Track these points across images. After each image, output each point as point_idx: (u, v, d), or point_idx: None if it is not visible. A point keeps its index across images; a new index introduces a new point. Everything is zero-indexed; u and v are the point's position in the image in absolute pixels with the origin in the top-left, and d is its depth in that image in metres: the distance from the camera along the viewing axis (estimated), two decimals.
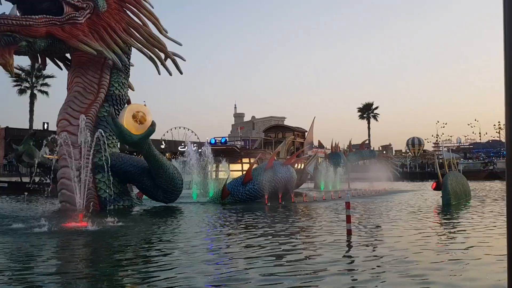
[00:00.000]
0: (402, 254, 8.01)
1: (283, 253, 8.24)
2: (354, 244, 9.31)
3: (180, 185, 19.24)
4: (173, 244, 9.72)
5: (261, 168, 21.95)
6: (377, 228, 11.89)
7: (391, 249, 8.50)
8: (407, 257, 7.81)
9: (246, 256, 8.03)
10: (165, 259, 7.86)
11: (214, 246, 9.35)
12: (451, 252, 8.33)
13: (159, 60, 19.95)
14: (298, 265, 7.25)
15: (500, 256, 7.93)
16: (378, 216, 15.17)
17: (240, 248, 8.94)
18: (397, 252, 8.19)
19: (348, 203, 10.20)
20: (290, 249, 8.66)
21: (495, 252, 8.22)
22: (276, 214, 16.14)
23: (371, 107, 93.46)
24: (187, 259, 7.74)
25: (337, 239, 9.76)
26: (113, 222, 12.74)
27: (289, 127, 34.79)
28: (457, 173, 21.81)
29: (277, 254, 8.18)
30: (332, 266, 7.11)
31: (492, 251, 8.40)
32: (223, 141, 26.80)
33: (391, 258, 7.64)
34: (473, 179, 63.06)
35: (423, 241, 9.66)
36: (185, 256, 8.02)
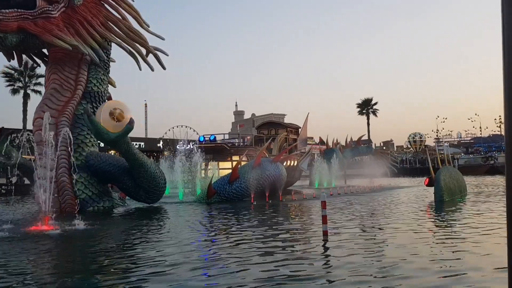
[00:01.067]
0: (380, 261, 7.29)
1: (249, 263, 7.52)
2: (330, 246, 8.61)
3: (162, 185, 18.53)
4: (141, 251, 9.01)
5: (249, 166, 21.24)
6: (359, 228, 11.17)
7: (367, 254, 7.78)
8: (383, 262, 7.09)
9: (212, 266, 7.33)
10: (130, 269, 7.15)
11: (180, 257, 8.63)
12: (437, 259, 7.61)
13: (140, 55, 19.22)
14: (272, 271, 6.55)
15: (488, 258, 7.22)
16: (364, 214, 14.43)
17: (207, 258, 8.24)
18: (374, 258, 7.47)
19: (324, 202, 9.47)
20: (263, 254, 7.95)
21: (486, 259, 7.50)
22: (259, 214, 15.44)
23: (370, 102, 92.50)
24: (154, 271, 6.95)
25: (311, 242, 9.07)
26: (81, 225, 12.05)
27: (282, 123, 34.16)
28: (451, 168, 21.05)
29: (246, 260, 7.47)
30: (303, 270, 6.41)
31: (482, 259, 7.67)
32: (212, 139, 26.08)
33: (366, 264, 6.93)
34: (474, 174, 62.50)
35: (404, 242, 8.94)
36: (152, 269, 7.17)
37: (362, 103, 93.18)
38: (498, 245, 8.46)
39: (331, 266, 6.82)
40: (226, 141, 30.31)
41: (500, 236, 9.42)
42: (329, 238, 9.14)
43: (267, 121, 33.51)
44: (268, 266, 6.85)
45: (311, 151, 33.21)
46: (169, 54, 20.54)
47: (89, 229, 11.78)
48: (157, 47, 19.90)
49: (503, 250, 8.21)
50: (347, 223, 12.05)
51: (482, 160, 76.25)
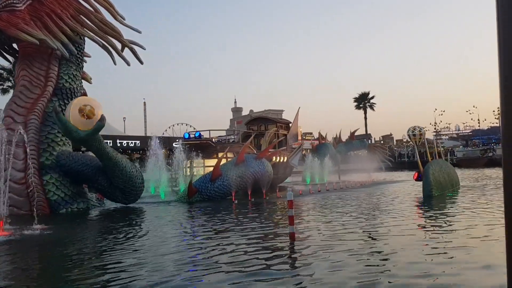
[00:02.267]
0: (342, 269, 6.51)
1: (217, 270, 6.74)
2: (297, 249, 7.83)
3: (139, 184, 17.74)
4: (102, 258, 8.22)
5: (231, 163, 20.45)
6: (336, 226, 10.37)
7: (334, 261, 7.00)
8: (347, 271, 6.31)
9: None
10: (88, 278, 6.40)
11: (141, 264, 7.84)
12: (417, 259, 6.83)
13: (113, 49, 18.41)
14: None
15: (472, 258, 6.46)
16: (342, 212, 13.62)
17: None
18: (338, 265, 6.69)
19: (290, 201, 8.66)
20: (224, 252, 7.17)
21: (473, 258, 6.73)
22: (236, 215, 14.65)
23: (367, 96, 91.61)
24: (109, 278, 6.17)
25: (279, 244, 8.29)
26: (40, 230, 11.27)
27: (272, 119, 33.18)
28: (442, 161, 20.27)
29: (208, 264, 6.70)
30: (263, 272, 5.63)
31: (471, 257, 6.89)
32: (197, 135, 25.20)
33: (334, 270, 6.15)
34: (472, 166, 61.71)
35: (373, 244, 8.16)
36: (110, 275, 6.41)
37: (359, 97, 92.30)
38: (482, 244, 7.68)
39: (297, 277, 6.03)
40: (223, 138, 29.26)
41: (484, 235, 8.64)
42: (296, 241, 8.36)
43: (256, 117, 32.61)
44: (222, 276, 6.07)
45: (302, 146, 32.39)
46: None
47: (47, 234, 11.00)
48: (133, 41, 19.08)
49: (487, 249, 7.46)
50: (318, 223, 11.27)
51: (481, 152, 75.43)
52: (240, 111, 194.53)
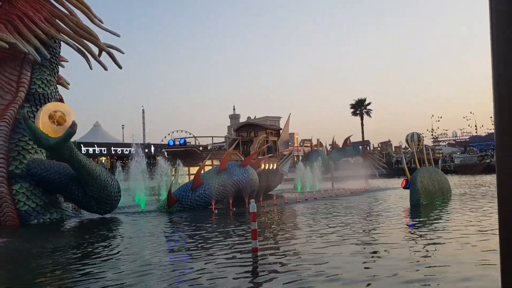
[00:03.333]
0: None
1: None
2: (262, 262, 7.14)
3: (115, 194, 16.99)
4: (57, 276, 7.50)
5: (213, 171, 19.73)
6: (304, 239, 9.67)
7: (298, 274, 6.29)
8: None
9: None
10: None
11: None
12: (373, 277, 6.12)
13: (89, 53, 17.76)
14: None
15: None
16: (329, 221, 12.92)
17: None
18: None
19: (253, 214, 7.95)
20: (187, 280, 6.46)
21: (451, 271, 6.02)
22: (214, 226, 13.95)
23: (363, 103, 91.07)
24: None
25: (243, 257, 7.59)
26: (2, 242, 10.56)
27: (262, 125, 32.52)
28: (432, 168, 19.54)
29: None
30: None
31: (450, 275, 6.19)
32: (182, 142, 24.50)
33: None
34: (470, 173, 61.05)
35: (346, 259, 7.45)
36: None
37: (356, 104, 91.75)
38: (470, 260, 6.98)
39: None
40: (216, 145, 28.44)
41: (471, 250, 7.93)
42: (260, 256, 7.66)
43: (246, 123, 31.92)
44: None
45: (293, 153, 31.69)
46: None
47: (9, 247, 10.28)
48: (110, 45, 18.44)
49: (472, 267, 6.76)
50: (287, 235, 10.56)
51: (478, 159, 74.73)
52: (238, 118, 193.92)
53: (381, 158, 43.18)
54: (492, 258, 7.30)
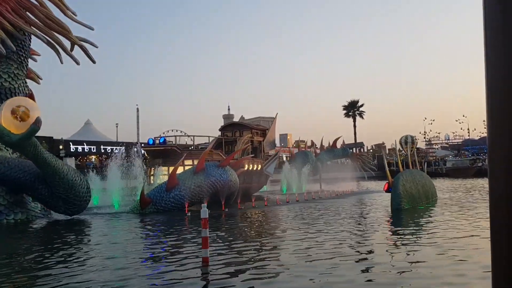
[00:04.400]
0: None
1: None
2: (212, 275, 6.43)
3: (84, 194, 16.21)
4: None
5: (190, 172, 18.99)
6: (269, 245, 8.97)
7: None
8: None
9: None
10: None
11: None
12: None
13: (60, 46, 16.98)
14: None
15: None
16: (300, 226, 12.23)
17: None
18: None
19: (205, 220, 7.23)
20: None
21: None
22: (184, 230, 13.23)
23: (356, 104, 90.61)
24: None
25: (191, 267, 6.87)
26: None
27: (247, 125, 31.79)
28: (416, 171, 18.88)
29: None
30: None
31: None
32: (162, 141, 23.72)
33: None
34: (462, 176, 60.71)
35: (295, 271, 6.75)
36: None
37: (348, 105, 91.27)
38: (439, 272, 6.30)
39: None
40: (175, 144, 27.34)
41: (451, 261, 7.26)
42: (212, 267, 6.94)
43: (231, 123, 31.16)
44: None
45: (278, 154, 31.01)
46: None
47: None
48: (84, 38, 17.66)
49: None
50: (255, 240, 9.84)
51: (470, 162, 74.40)
52: (231, 118, 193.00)
53: (370, 160, 42.56)
54: (463, 268, 6.65)
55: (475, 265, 6.89)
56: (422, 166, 23.10)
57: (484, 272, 6.24)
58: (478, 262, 7.05)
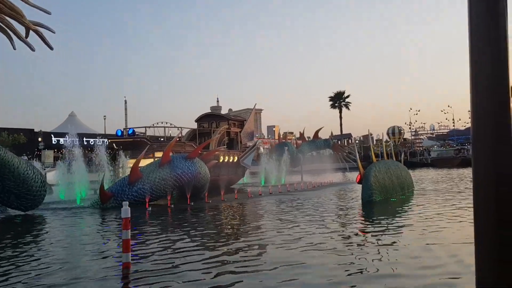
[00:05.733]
0: None
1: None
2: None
3: (38, 189, 15.26)
4: None
5: (155, 164, 18.08)
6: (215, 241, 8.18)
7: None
8: None
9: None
10: None
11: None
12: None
13: (12, 31, 15.87)
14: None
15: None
16: (265, 219, 11.46)
17: None
18: None
19: (125, 220, 6.38)
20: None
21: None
22: (142, 226, 12.38)
23: (342, 95, 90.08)
24: None
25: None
26: None
27: (224, 116, 30.89)
28: (391, 162, 18.21)
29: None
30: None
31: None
32: (131, 133, 22.74)
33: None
34: (446, 166, 60.61)
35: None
36: None
37: (335, 96, 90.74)
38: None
39: None
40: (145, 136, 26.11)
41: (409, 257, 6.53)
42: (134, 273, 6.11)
43: (207, 113, 30.21)
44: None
45: (256, 145, 30.18)
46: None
47: None
48: (39, 23, 16.54)
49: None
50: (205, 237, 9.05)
51: (454, 152, 74.42)
52: (219, 110, 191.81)
53: (352, 151, 41.97)
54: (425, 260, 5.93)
55: (444, 260, 6.18)
56: (400, 157, 22.45)
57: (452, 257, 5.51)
58: (447, 255, 6.35)
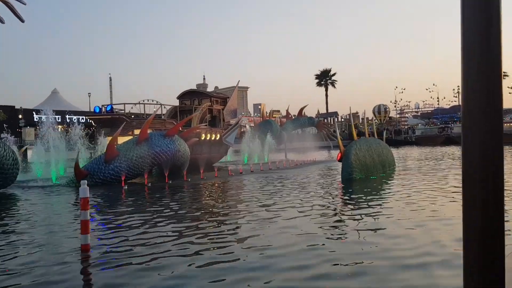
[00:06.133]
0: None
1: None
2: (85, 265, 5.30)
3: (10, 166, 14.75)
4: None
5: (132, 142, 17.61)
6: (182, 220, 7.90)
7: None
8: None
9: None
10: None
11: None
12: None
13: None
14: None
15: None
16: (244, 197, 11.22)
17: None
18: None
19: (84, 200, 6.02)
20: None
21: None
22: (112, 206, 12.04)
23: (328, 73, 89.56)
24: None
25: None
26: None
27: (206, 93, 30.35)
28: (372, 140, 18.04)
29: None
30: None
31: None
32: (109, 109, 22.12)
33: None
34: (430, 144, 61.09)
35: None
36: None
37: (321, 74, 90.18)
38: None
39: None
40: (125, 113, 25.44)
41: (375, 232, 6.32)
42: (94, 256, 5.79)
43: (189, 90, 29.59)
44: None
45: (240, 123, 29.80)
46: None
47: None
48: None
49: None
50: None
51: (438, 130, 74.98)
52: (205, 87, 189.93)
53: (335, 129, 41.86)
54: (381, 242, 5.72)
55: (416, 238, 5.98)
56: (382, 135, 22.32)
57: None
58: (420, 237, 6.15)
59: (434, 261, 5.27)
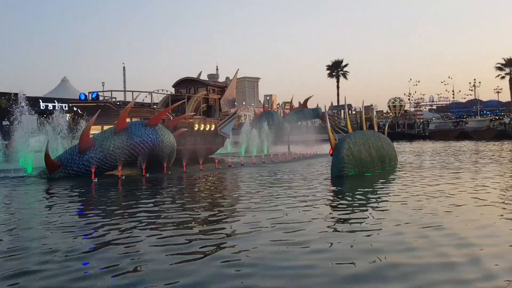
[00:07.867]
0: None
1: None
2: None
3: None
4: None
5: (110, 131, 16.39)
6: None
7: None
8: None
9: None
10: None
11: None
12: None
13: None
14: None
15: None
16: (220, 194, 9.92)
17: None
18: None
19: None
20: None
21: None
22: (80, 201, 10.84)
23: (340, 64, 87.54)
24: None
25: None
26: None
27: (203, 81, 28.91)
28: (371, 133, 16.48)
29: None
30: None
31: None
32: (94, 97, 20.92)
33: None
34: (444, 138, 59.08)
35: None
36: None
37: (332, 65, 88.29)
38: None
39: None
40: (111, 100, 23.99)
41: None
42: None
43: (185, 78, 28.29)
44: None
45: (237, 113, 28.42)
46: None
47: None
48: None
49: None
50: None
51: (453, 124, 72.64)
52: (216, 78, 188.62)
53: (341, 121, 40.23)
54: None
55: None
56: (385, 128, 20.76)
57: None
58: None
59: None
